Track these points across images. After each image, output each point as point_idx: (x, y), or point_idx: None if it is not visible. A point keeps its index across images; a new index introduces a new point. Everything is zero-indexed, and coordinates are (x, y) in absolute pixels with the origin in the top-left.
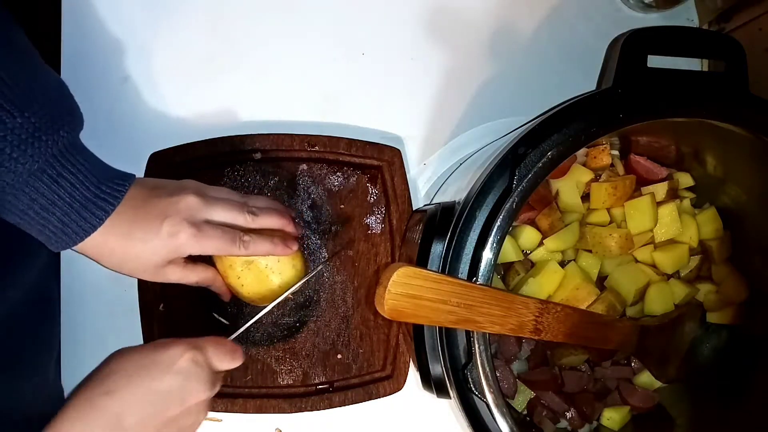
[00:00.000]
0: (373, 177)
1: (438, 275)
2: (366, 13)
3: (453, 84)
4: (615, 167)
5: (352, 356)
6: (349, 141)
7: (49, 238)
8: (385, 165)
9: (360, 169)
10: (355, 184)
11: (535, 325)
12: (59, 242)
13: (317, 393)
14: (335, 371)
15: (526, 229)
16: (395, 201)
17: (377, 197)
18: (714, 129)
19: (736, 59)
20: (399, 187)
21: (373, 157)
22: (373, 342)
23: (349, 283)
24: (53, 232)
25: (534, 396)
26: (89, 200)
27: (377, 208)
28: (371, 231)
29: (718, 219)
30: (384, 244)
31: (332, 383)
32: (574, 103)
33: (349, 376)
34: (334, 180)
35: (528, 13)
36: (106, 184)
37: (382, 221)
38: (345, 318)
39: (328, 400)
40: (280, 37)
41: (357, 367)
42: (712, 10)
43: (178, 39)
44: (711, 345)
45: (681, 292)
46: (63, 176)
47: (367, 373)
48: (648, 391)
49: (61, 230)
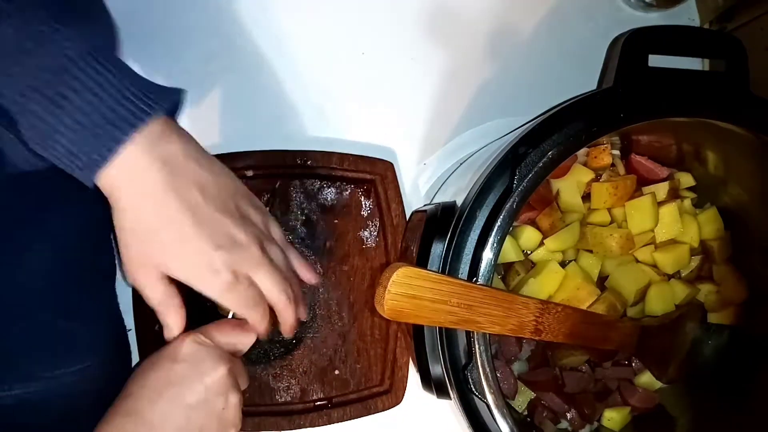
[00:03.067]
0: (366, 191)
1: (438, 275)
2: (366, 13)
3: (453, 84)
4: (616, 167)
5: (350, 372)
6: (342, 155)
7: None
8: (378, 179)
9: (353, 183)
10: (348, 198)
11: (536, 326)
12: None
13: (315, 410)
14: (333, 387)
15: (526, 229)
16: (389, 214)
17: (371, 211)
18: (715, 128)
19: (737, 59)
20: (393, 200)
21: (366, 171)
22: (371, 357)
23: (345, 298)
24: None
25: (534, 396)
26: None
27: (371, 221)
28: (366, 245)
29: (719, 219)
30: (379, 258)
31: (330, 399)
32: (574, 102)
33: (347, 391)
34: (327, 195)
35: (528, 13)
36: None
37: (377, 235)
38: (342, 334)
39: (327, 416)
40: (280, 37)
41: (355, 382)
42: (713, 9)
43: (174, 44)
44: (712, 345)
45: (682, 292)
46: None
47: (366, 388)
48: (649, 391)
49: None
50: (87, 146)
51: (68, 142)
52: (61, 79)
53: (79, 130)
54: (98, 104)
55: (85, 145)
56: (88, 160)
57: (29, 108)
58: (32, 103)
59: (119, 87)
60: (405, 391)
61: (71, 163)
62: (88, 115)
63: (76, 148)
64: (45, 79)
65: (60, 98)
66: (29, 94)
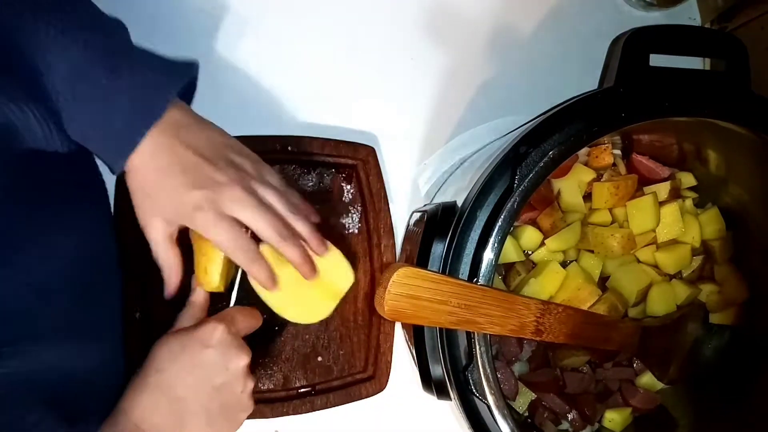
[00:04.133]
0: (348, 176)
1: (438, 275)
2: (366, 13)
3: (453, 84)
4: (617, 167)
5: (333, 358)
6: (323, 140)
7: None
8: (360, 164)
9: (335, 169)
10: (330, 183)
11: (537, 326)
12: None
13: (299, 397)
14: (316, 374)
15: (527, 230)
16: (371, 200)
17: (353, 197)
18: (716, 128)
19: (737, 58)
20: (375, 186)
21: (348, 156)
22: (353, 343)
23: None
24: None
25: (535, 397)
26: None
27: (353, 207)
28: (348, 231)
29: (720, 219)
30: (362, 244)
31: (314, 386)
32: (575, 102)
33: (330, 378)
34: (308, 180)
35: (529, 13)
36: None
37: (359, 221)
38: (324, 320)
39: (310, 403)
40: (280, 37)
41: (338, 369)
42: (713, 8)
43: (172, 39)
44: (713, 346)
45: (683, 292)
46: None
47: (349, 375)
48: (650, 392)
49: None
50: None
51: (122, 124)
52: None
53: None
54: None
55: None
56: (125, 141)
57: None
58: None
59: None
60: (389, 377)
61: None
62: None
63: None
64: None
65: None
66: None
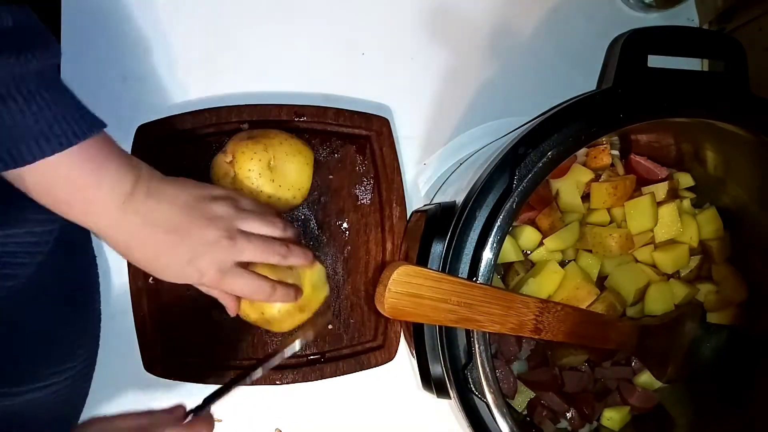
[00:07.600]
0: (361, 147)
1: (438, 274)
2: (366, 13)
3: (453, 84)
4: (615, 167)
5: (344, 326)
6: (337, 110)
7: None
8: (373, 135)
9: (348, 139)
10: (343, 154)
11: (536, 325)
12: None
13: (308, 364)
14: (326, 342)
15: (526, 229)
16: (384, 171)
17: (366, 168)
18: (714, 129)
19: (736, 59)
20: (388, 157)
21: (361, 126)
22: (364, 312)
23: (339, 253)
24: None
25: (534, 396)
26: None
27: (366, 178)
28: (360, 201)
29: (718, 219)
30: (374, 215)
31: (324, 354)
32: (574, 103)
33: (340, 346)
34: (321, 150)
35: (528, 13)
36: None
37: (371, 191)
38: (336, 288)
39: (320, 371)
40: (280, 38)
41: (348, 337)
42: (712, 9)
43: (176, 36)
44: (711, 345)
45: (681, 292)
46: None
47: (359, 344)
48: (648, 391)
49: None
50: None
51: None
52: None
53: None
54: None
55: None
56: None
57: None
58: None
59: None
60: (398, 347)
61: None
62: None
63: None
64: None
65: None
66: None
